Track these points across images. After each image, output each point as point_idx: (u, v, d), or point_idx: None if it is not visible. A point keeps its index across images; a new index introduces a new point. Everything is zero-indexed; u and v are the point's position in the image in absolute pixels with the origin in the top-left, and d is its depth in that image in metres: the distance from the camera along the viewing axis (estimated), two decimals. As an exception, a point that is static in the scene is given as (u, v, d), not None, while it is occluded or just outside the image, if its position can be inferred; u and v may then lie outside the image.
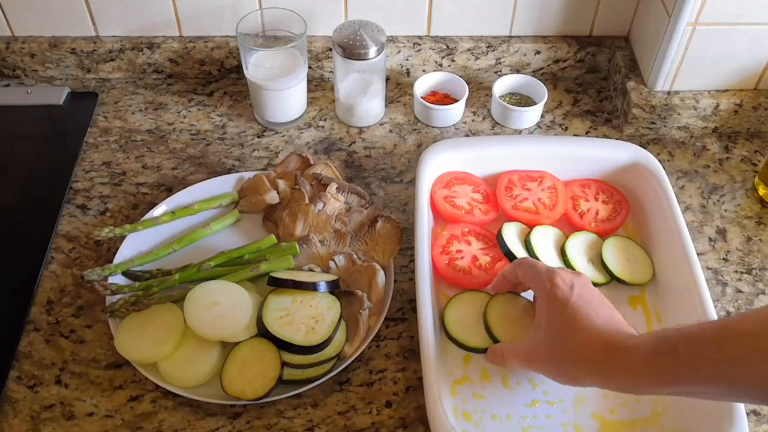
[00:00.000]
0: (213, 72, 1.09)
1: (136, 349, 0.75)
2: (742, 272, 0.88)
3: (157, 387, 0.75)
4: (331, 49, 1.02)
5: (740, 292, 0.86)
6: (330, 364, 0.75)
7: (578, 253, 0.85)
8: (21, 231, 0.90)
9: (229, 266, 0.83)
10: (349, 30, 0.94)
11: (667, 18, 0.94)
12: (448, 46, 1.06)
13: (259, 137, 1.02)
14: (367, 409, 0.75)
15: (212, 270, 0.82)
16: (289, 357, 0.74)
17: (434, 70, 1.08)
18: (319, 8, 1.03)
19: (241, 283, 0.79)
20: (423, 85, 1.05)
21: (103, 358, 0.78)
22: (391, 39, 1.06)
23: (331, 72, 1.08)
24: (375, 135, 1.02)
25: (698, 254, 0.83)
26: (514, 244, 0.84)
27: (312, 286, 0.77)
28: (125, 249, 0.84)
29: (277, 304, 0.77)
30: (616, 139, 1.00)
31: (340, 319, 0.77)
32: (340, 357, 0.76)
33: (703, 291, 0.77)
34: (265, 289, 0.79)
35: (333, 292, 0.79)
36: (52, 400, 0.75)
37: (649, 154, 0.91)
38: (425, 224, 0.83)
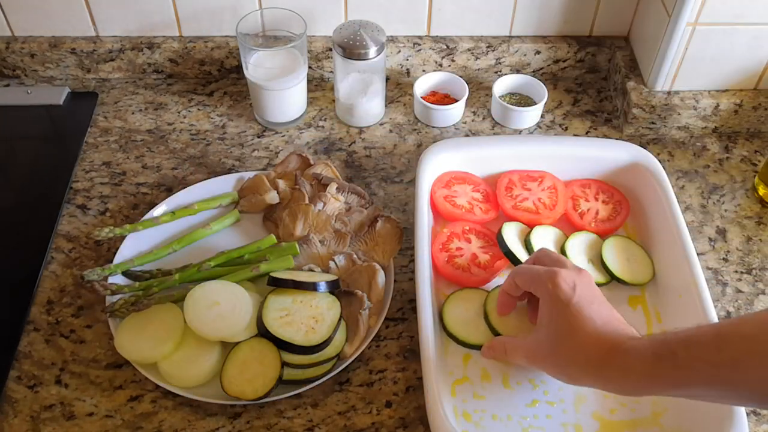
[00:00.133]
0: (213, 72, 1.09)
1: (136, 349, 0.75)
2: (742, 272, 0.88)
3: (157, 387, 0.75)
4: (331, 49, 1.02)
5: (740, 292, 0.86)
6: (330, 364, 0.75)
7: (578, 253, 0.85)
8: (21, 231, 0.90)
9: (229, 266, 0.83)
10: (349, 30, 0.94)
11: (667, 18, 0.94)
12: (448, 46, 1.06)
13: (259, 137, 1.02)
14: (367, 409, 0.75)
15: (212, 270, 0.82)
16: (289, 357, 0.74)
17: (434, 70, 1.08)
18: (319, 8, 1.03)
19: (241, 283, 0.79)
20: (423, 85, 1.05)
21: (103, 358, 0.78)
22: (391, 39, 1.06)
23: (331, 72, 1.08)
24: (375, 135, 1.02)
25: (698, 254, 0.83)
26: (514, 244, 0.84)
27: (312, 286, 0.77)
28: (125, 249, 0.84)
29: (277, 304, 0.77)
30: (616, 139, 1.00)
31: (340, 319, 0.77)
32: (340, 357, 0.76)
33: (703, 291, 0.77)
34: (265, 289, 0.79)
35: (333, 292, 0.79)
36: (52, 400, 0.75)
37: (649, 154, 0.91)
38: (425, 224, 0.83)
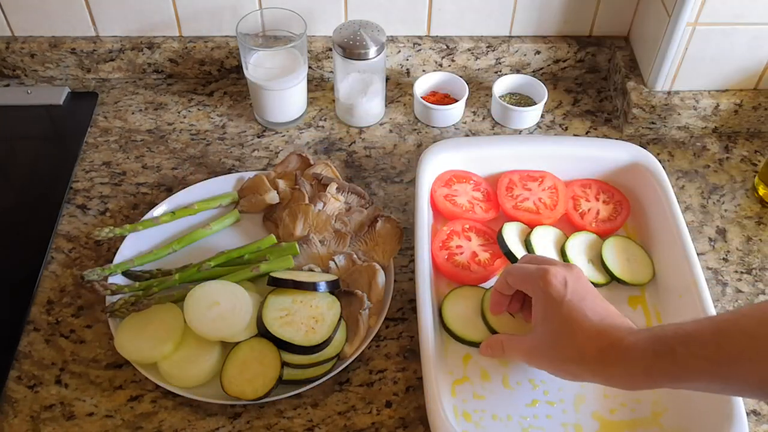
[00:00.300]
0: (213, 72, 1.09)
1: (136, 349, 0.75)
2: (742, 272, 0.88)
3: (157, 387, 0.75)
4: (331, 49, 1.02)
5: (740, 292, 0.86)
6: (330, 364, 0.75)
7: (578, 254, 0.85)
8: (21, 231, 0.90)
9: (229, 266, 0.83)
10: (349, 30, 0.94)
11: (667, 18, 0.94)
12: (448, 46, 1.06)
13: (259, 137, 1.02)
14: (367, 409, 0.75)
15: (212, 270, 0.82)
16: (289, 357, 0.74)
17: (434, 70, 1.08)
18: (319, 8, 1.02)
19: (241, 283, 0.79)
20: (423, 85, 1.05)
21: (103, 358, 0.78)
22: (391, 39, 1.06)
23: (331, 72, 1.08)
24: (375, 135, 1.02)
25: (698, 254, 0.83)
26: (515, 245, 0.84)
27: (312, 286, 0.77)
28: (125, 249, 0.84)
29: (277, 304, 0.77)
30: (616, 139, 1.00)
31: (340, 319, 0.77)
32: (340, 357, 0.76)
33: (703, 291, 0.77)
34: (265, 289, 0.79)
35: (333, 292, 0.79)
36: (52, 400, 0.75)
37: (649, 154, 0.90)
38: (425, 224, 0.83)
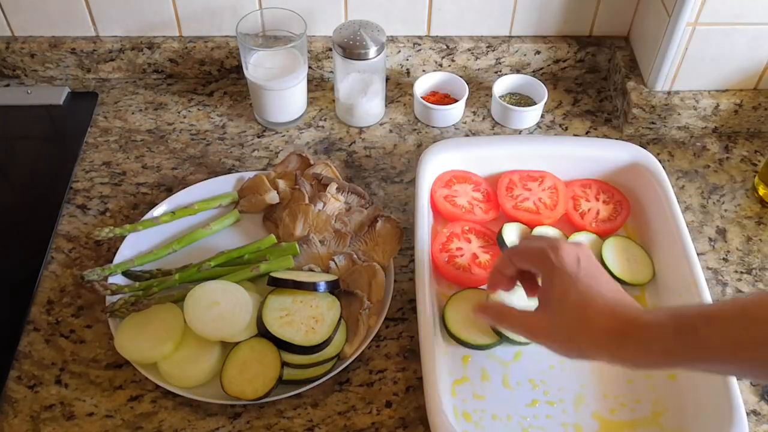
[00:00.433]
0: (213, 72, 1.09)
1: (136, 349, 0.75)
2: (742, 272, 0.88)
3: (157, 387, 0.75)
4: (331, 49, 1.02)
5: (740, 292, 0.86)
6: (330, 364, 0.75)
7: (578, 253, 0.85)
8: (21, 231, 0.90)
9: (229, 266, 0.83)
10: (349, 30, 0.94)
11: (667, 18, 0.94)
12: (448, 46, 1.06)
13: (259, 137, 1.02)
14: (367, 409, 0.75)
15: (212, 270, 0.82)
16: (289, 357, 0.74)
17: (434, 70, 1.08)
18: (319, 8, 1.02)
19: (241, 283, 0.79)
20: (423, 85, 1.05)
21: (103, 358, 0.78)
22: (391, 39, 1.06)
23: (331, 72, 1.08)
24: (375, 135, 1.02)
25: (698, 254, 0.83)
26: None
27: (312, 286, 0.77)
28: (125, 249, 0.84)
29: (277, 304, 0.77)
30: (616, 139, 1.00)
31: (340, 319, 0.77)
32: (340, 357, 0.76)
33: (703, 291, 0.77)
34: (265, 289, 0.79)
35: (333, 292, 0.79)
36: (52, 400, 0.75)
37: (649, 154, 0.91)
38: (425, 224, 0.83)
